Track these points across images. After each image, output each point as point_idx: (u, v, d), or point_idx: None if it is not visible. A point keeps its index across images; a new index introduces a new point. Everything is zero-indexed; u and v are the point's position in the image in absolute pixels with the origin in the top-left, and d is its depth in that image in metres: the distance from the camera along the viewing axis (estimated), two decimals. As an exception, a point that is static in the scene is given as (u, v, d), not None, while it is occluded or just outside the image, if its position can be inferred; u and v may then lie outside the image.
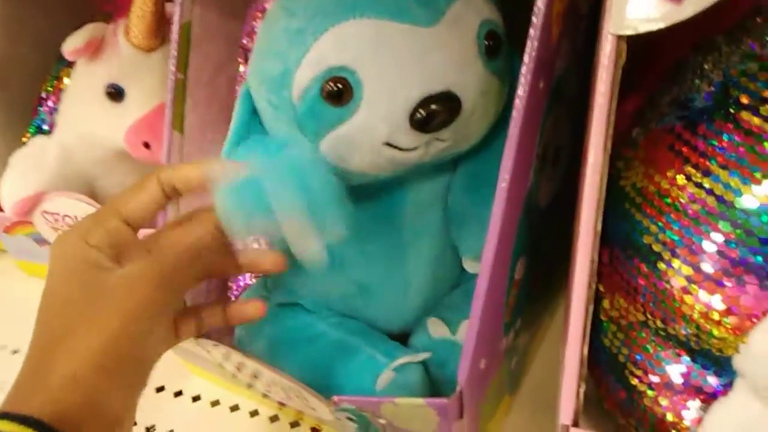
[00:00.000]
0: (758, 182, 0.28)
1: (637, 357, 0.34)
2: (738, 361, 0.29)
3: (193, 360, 0.47)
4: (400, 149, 0.33)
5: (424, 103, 0.31)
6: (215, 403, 0.49)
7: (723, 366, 0.31)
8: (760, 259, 0.28)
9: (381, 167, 0.35)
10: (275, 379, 0.39)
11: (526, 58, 0.31)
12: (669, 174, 0.32)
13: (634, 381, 0.34)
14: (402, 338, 0.44)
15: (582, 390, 0.30)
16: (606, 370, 0.36)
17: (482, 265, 0.34)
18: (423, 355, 0.41)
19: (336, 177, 0.33)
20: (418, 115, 0.32)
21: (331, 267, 0.41)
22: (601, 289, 0.35)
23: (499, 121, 0.37)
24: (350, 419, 0.38)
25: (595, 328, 0.36)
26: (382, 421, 0.37)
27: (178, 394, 0.50)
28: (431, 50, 0.32)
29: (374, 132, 0.32)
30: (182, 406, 0.49)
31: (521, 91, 0.32)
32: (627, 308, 0.34)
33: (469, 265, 0.42)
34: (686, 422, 0.32)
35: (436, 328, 0.43)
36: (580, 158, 0.38)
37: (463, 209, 0.40)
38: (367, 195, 0.39)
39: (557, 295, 0.51)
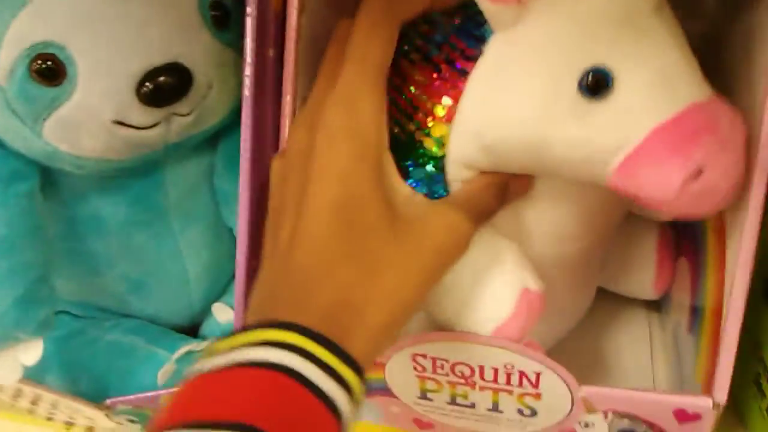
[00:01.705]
0: (406, 123, 0.29)
1: None
2: None
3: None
4: (136, 128, 0.32)
5: (150, 75, 0.31)
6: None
7: None
8: None
9: (120, 150, 0.33)
10: (45, 396, 0.36)
11: (247, 27, 0.31)
12: None
13: None
14: (194, 331, 0.43)
15: None
16: None
17: (238, 238, 0.34)
18: (207, 342, 0.40)
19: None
20: (145, 89, 0.31)
21: (92, 266, 0.39)
22: None
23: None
24: (132, 421, 0.36)
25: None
26: (164, 415, 0.36)
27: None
28: (149, 21, 0.31)
29: (98, 110, 0.31)
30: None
31: (248, 58, 0.32)
32: None
33: (244, 245, 0.41)
34: None
35: (221, 313, 0.42)
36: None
37: (229, 188, 0.40)
38: (124, 183, 0.37)
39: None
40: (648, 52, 0.25)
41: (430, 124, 0.28)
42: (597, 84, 0.24)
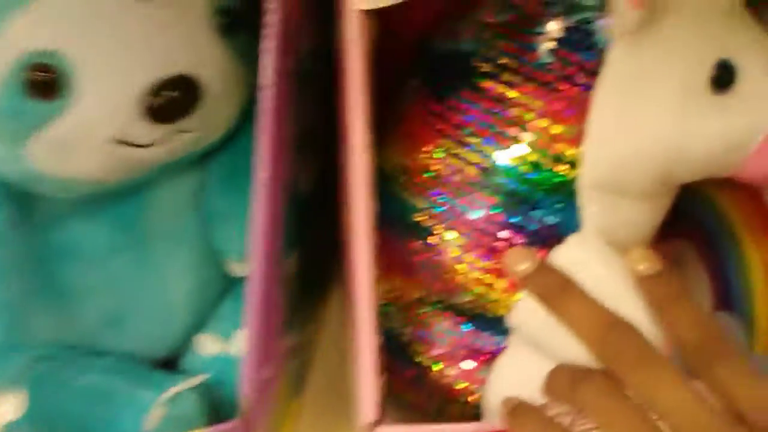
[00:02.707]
0: (509, 145, 0.30)
1: (420, 333, 0.34)
2: (510, 318, 0.30)
3: None
4: (137, 145, 0.28)
5: (158, 89, 0.27)
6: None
7: (500, 326, 0.32)
8: (520, 218, 0.30)
9: (114, 170, 0.29)
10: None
11: (269, 36, 0.28)
12: (427, 149, 0.32)
13: (420, 357, 0.34)
14: (169, 365, 0.39)
15: (381, 384, 0.29)
16: (392, 353, 0.35)
17: (251, 264, 0.31)
18: (198, 379, 0.36)
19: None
20: (152, 104, 0.27)
21: (64, 299, 0.34)
22: (377, 272, 0.34)
23: (248, 108, 0.34)
24: (119, 475, 0.32)
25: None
26: (158, 467, 0.32)
27: None
28: (157, 27, 0.27)
29: (99, 127, 0.27)
30: None
31: (269, 69, 0.29)
32: (405, 287, 0.33)
33: (235, 269, 0.38)
34: (474, 385, 0.33)
35: (207, 345, 0.38)
36: (338, 142, 0.36)
37: (221, 209, 0.36)
38: (104, 205, 0.33)
39: (330, 285, 0.50)
40: (754, 38, 0.26)
41: (559, 149, 0.28)
42: (725, 76, 0.25)
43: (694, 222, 0.38)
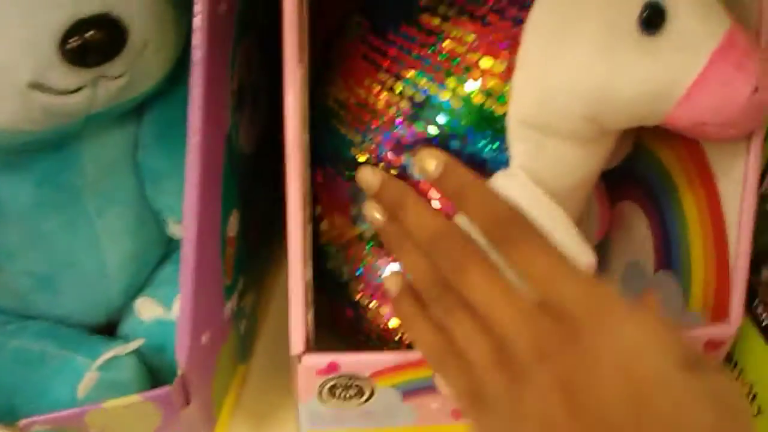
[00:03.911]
0: (442, 80, 0.29)
1: (357, 271, 0.33)
2: None
3: None
4: (57, 92, 0.26)
5: (77, 28, 0.25)
6: None
7: None
8: (450, 153, 0.29)
9: (34, 119, 0.27)
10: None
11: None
12: (366, 83, 0.31)
13: (358, 296, 0.34)
14: (110, 330, 0.37)
15: (310, 316, 0.29)
16: (332, 293, 0.35)
17: (185, 226, 0.29)
18: (134, 344, 0.34)
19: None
20: (70, 45, 0.25)
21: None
22: (318, 211, 0.34)
23: (187, 57, 0.32)
24: (49, 443, 0.31)
25: (319, 255, 0.34)
26: (91, 433, 0.30)
27: None
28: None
29: (12, 70, 0.25)
30: None
31: (198, 8, 0.27)
32: (343, 225, 0.33)
33: (174, 230, 0.36)
34: None
35: (146, 309, 0.37)
36: (281, 94, 0.35)
37: (158, 166, 0.35)
38: (29, 159, 0.31)
39: (280, 246, 0.48)
40: None
41: (489, 83, 0.27)
42: (654, 17, 0.25)
43: (643, 182, 0.38)
